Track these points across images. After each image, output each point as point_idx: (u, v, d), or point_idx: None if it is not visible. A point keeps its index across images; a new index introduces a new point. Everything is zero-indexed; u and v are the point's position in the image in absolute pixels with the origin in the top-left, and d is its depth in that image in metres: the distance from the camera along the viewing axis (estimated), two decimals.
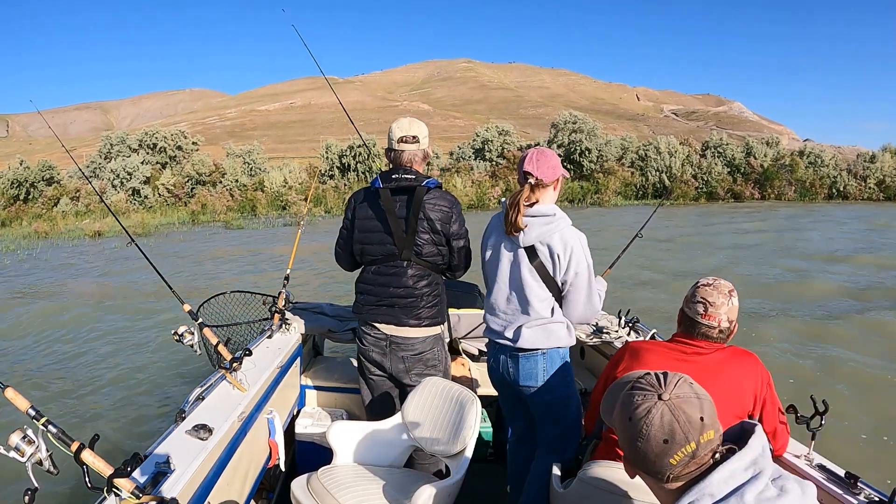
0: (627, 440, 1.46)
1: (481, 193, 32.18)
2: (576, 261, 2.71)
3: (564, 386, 2.88)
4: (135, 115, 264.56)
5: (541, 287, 2.77)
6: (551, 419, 2.89)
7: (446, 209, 3.02)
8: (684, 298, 2.38)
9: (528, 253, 2.76)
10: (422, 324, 3.08)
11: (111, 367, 7.71)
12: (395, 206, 3.00)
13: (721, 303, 2.27)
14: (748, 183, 37.71)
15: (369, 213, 3.07)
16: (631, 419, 1.44)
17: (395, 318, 3.07)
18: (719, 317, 2.26)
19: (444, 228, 3.02)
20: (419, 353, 3.12)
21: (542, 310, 2.78)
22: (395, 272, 3.05)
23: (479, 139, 40.93)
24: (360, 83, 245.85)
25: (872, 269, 13.81)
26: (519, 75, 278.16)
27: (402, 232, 2.99)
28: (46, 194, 32.67)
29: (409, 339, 3.10)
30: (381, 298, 3.08)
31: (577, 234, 2.77)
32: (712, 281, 2.33)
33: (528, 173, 2.76)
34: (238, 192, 32.82)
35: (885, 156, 39.88)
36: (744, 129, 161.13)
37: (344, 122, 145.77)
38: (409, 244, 3.00)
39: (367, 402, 3.38)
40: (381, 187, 2.99)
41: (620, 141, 42.45)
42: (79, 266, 15.82)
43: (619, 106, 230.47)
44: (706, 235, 20.13)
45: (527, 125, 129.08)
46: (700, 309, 2.28)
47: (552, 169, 2.79)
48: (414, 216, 2.96)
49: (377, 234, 3.06)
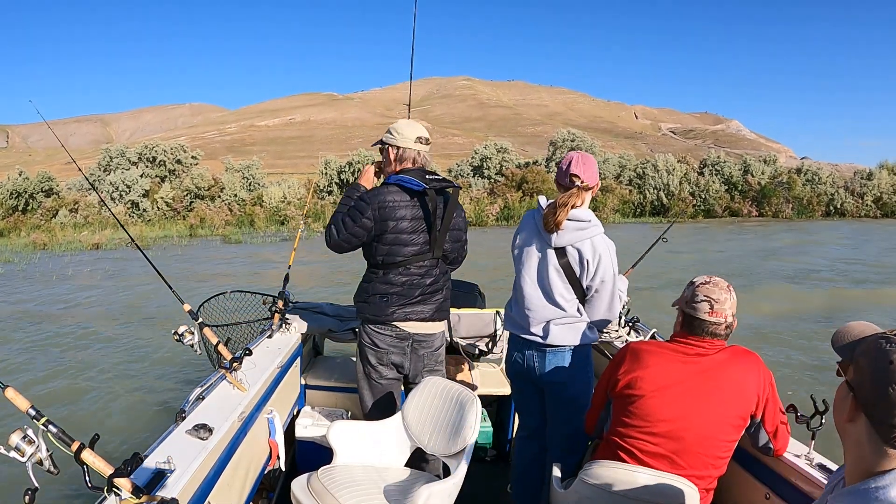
0: (878, 383, 1.36)
1: (479, 210, 32.24)
2: (603, 268, 2.79)
3: (586, 382, 2.94)
4: (134, 128, 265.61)
5: (566, 288, 2.84)
6: (568, 416, 2.91)
7: (461, 208, 3.22)
8: (682, 300, 2.39)
9: (558, 253, 2.81)
10: (442, 318, 3.21)
11: (111, 367, 7.73)
12: (438, 205, 3.07)
13: (724, 298, 2.28)
14: (746, 200, 37.89)
15: (412, 213, 3.03)
16: (892, 363, 1.35)
17: (423, 315, 3.11)
18: (725, 313, 2.27)
19: (463, 227, 3.24)
20: (436, 350, 3.22)
21: (569, 308, 2.85)
22: (426, 270, 3.11)
23: (478, 156, 41.13)
24: (359, 100, 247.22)
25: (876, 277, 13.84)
26: (517, 93, 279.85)
27: (438, 231, 3.06)
28: (45, 205, 32.63)
29: (431, 335, 3.18)
30: (411, 298, 3.08)
31: (607, 242, 2.83)
32: (709, 279, 2.34)
33: (576, 175, 2.80)
34: (237, 207, 32.82)
35: (882, 173, 40.13)
36: (741, 147, 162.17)
37: (343, 138, 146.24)
38: (441, 243, 3.07)
39: (367, 405, 3.32)
40: (428, 188, 2.99)
41: (618, 159, 42.70)
42: (78, 273, 15.82)
43: (617, 124, 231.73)
44: (709, 248, 20.18)
45: (525, 143, 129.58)
46: (706, 307, 2.27)
47: (595, 174, 2.87)
48: (450, 216, 3.06)
49: (417, 234, 3.05)
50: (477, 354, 4.25)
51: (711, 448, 2.22)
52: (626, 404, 2.33)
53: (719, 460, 2.26)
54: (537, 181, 36.32)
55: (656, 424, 2.24)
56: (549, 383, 2.92)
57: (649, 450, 2.25)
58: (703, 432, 2.20)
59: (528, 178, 36.81)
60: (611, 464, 2.26)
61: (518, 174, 37.88)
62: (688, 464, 2.21)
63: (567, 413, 2.92)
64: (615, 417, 2.40)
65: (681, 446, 2.21)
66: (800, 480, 2.21)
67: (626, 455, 2.29)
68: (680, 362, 2.28)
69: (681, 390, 2.23)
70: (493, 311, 4.25)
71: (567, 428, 2.93)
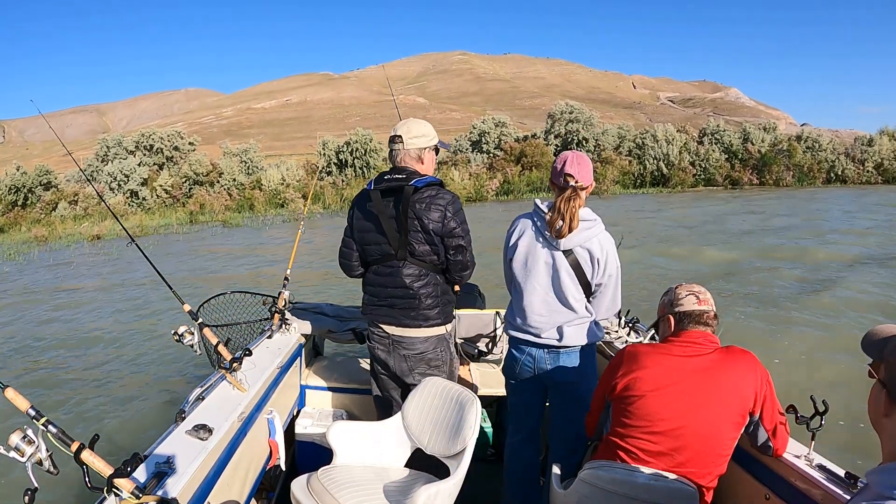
0: None
1: (479, 186, 32.18)
2: (610, 264, 2.82)
3: (595, 378, 2.93)
4: (131, 116, 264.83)
5: (577, 288, 2.83)
6: (573, 416, 2.92)
7: (440, 208, 2.93)
8: (664, 307, 2.51)
9: (566, 255, 2.80)
10: (422, 324, 3.06)
11: (111, 367, 7.74)
12: (386, 207, 2.99)
13: (705, 290, 2.45)
14: (746, 169, 37.69)
15: (364, 214, 3.08)
16: None
17: (395, 319, 3.07)
18: (710, 301, 2.41)
19: (435, 228, 2.94)
20: (421, 353, 3.10)
21: (579, 308, 2.85)
22: (391, 272, 3.04)
23: (476, 131, 40.98)
24: (355, 78, 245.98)
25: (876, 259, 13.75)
26: (514, 66, 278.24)
27: (396, 232, 2.98)
28: (44, 199, 32.54)
29: (410, 338, 3.08)
30: (381, 299, 3.09)
31: (609, 237, 2.85)
32: (682, 283, 2.51)
33: (571, 175, 2.77)
34: (236, 192, 32.76)
35: (883, 139, 39.84)
36: (741, 114, 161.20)
37: (340, 117, 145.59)
38: (404, 244, 2.98)
39: (376, 400, 3.40)
40: (372, 189, 3.00)
41: (617, 130, 42.47)
42: (79, 269, 15.82)
43: (615, 95, 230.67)
44: (716, 224, 20.11)
45: (523, 116, 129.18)
46: (693, 299, 2.40)
47: (590, 174, 2.84)
48: (404, 216, 2.93)
49: (372, 234, 3.05)
50: (477, 355, 4.24)
51: (712, 446, 2.22)
52: (625, 405, 2.33)
53: (720, 458, 2.25)
54: (536, 154, 36.22)
55: (656, 424, 2.24)
56: (561, 383, 2.93)
57: (649, 449, 2.25)
58: (702, 430, 2.20)
59: (527, 151, 36.70)
60: (611, 464, 2.28)
61: (517, 148, 37.74)
62: (688, 462, 2.21)
63: (573, 412, 2.91)
64: (614, 419, 2.40)
65: (681, 445, 2.21)
66: (800, 481, 2.21)
67: (626, 455, 2.29)
68: (677, 361, 2.29)
69: (679, 389, 2.23)
70: (493, 312, 4.23)
71: (571, 428, 2.94)
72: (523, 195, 32.28)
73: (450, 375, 3.21)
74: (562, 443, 2.99)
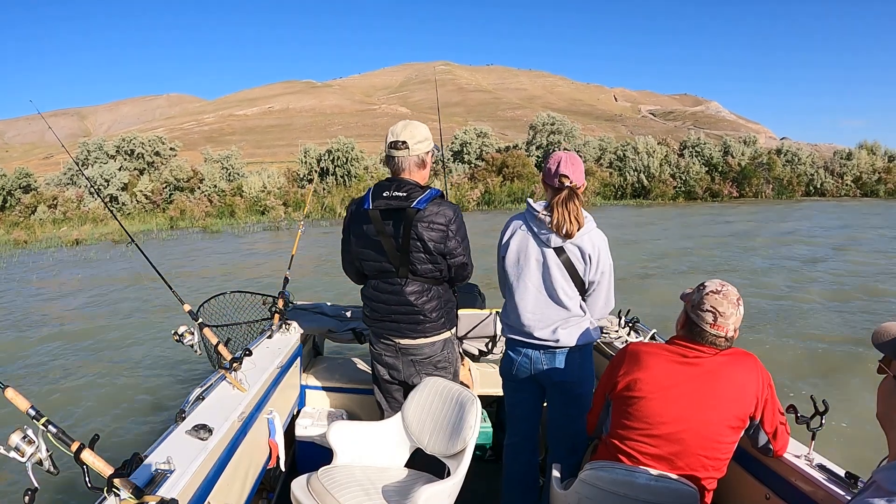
0: None
1: (460, 196, 32.17)
2: (602, 261, 2.83)
3: (592, 378, 2.96)
4: (112, 121, 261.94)
5: (570, 286, 2.85)
6: (573, 415, 2.93)
7: (442, 228, 2.87)
8: (690, 302, 2.34)
9: (557, 253, 2.81)
10: (429, 334, 3.05)
11: (111, 367, 7.69)
12: (386, 227, 2.89)
13: (731, 313, 2.23)
14: (726, 182, 38.06)
15: (363, 230, 2.97)
16: None
17: (401, 332, 3.04)
18: (727, 327, 2.23)
19: (437, 248, 2.88)
20: (428, 357, 3.09)
21: (573, 307, 2.87)
22: (393, 289, 2.99)
23: (458, 141, 41.03)
24: (338, 87, 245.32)
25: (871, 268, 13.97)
26: (497, 77, 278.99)
27: (396, 250, 2.91)
28: (24, 202, 32.17)
29: (417, 346, 3.07)
30: (384, 314, 3.05)
31: (602, 235, 2.86)
32: (720, 287, 2.27)
33: (566, 176, 2.79)
34: (216, 198, 32.51)
35: (862, 153, 40.51)
36: (721, 128, 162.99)
37: (322, 125, 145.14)
38: (405, 262, 2.91)
39: (377, 400, 3.37)
40: (371, 209, 2.88)
41: (598, 142, 42.79)
42: (65, 272, 15.66)
43: (596, 107, 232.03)
44: (696, 232, 20.28)
45: (505, 127, 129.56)
46: (709, 318, 2.24)
47: (582, 174, 2.87)
48: (406, 237, 2.86)
49: (372, 251, 2.97)
50: (477, 354, 4.24)
51: (711, 450, 2.23)
52: (625, 406, 2.34)
53: (719, 462, 2.26)
54: (517, 165, 36.31)
55: (656, 426, 2.24)
56: (558, 383, 2.93)
57: (649, 451, 2.25)
58: (702, 434, 2.21)
59: (509, 162, 36.77)
60: (611, 464, 2.28)
61: (498, 158, 37.82)
62: (688, 466, 2.22)
63: (572, 412, 2.93)
64: (614, 419, 2.40)
65: (681, 448, 2.22)
66: (800, 481, 2.23)
67: (626, 457, 2.29)
68: (679, 364, 2.28)
69: (680, 392, 2.23)
70: (493, 312, 4.21)
71: (570, 428, 2.96)
72: (504, 205, 32.37)
73: (454, 375, 3.22)
74: (561, 443, 3.01)
